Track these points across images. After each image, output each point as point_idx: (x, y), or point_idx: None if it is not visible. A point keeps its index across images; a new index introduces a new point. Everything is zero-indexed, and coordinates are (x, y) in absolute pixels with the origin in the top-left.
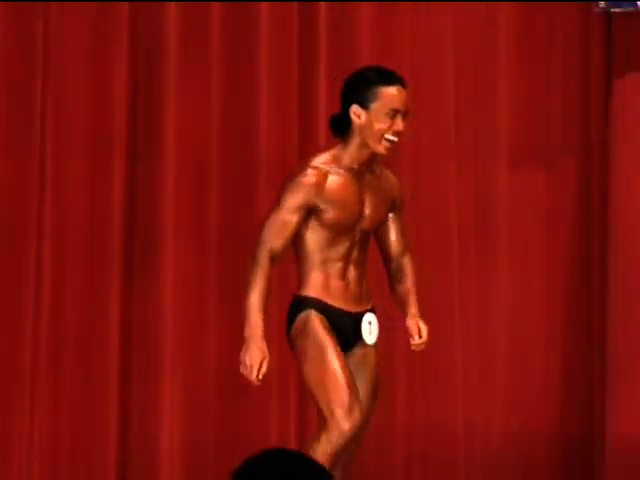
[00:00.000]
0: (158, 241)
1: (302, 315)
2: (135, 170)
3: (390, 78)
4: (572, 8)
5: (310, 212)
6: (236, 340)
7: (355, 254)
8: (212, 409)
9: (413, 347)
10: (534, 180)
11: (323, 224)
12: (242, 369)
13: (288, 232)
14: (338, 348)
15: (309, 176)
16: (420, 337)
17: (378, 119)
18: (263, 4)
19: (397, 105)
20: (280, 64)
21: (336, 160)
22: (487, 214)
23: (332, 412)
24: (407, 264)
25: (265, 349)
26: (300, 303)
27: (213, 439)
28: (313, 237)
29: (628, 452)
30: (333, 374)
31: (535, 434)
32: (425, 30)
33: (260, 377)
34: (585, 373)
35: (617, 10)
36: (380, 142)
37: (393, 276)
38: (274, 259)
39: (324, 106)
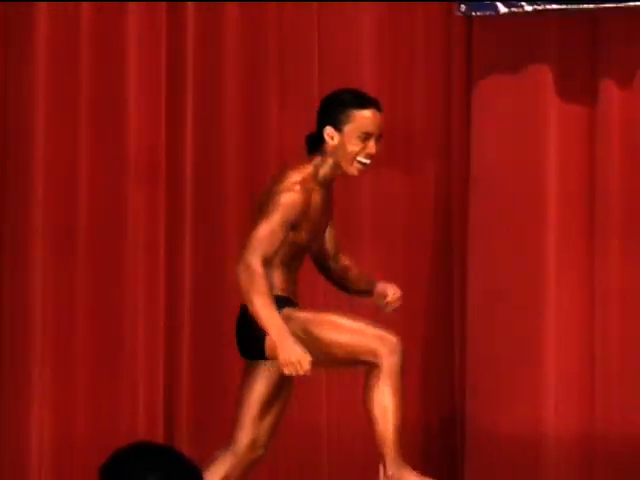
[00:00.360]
0: (28, 241)
1: (283, 312)
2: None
3: (364, 101)
4: (434, 11)
5: (291, 227)
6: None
7: (300, 263)
8: (82, 401)
9: (390, 304)
10: (395, 181)
11: (293, 240)
12: (288, 370)
13: (278, 243)
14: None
15: (299, 193)
16: (394, 293)
17: (351, 142)
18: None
19: (370, 129)
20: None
21: (313, 177)
22: (350, 214)
23: (374, 351)
24: (346, 259)
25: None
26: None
27: (83, 431)
28: (283, 249)
29: (486, 447)
30: (348, 326)
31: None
32: (291, 30)
33: (309, 368)
34: (446, 375)
35: (478, 14)
36: (352, 164)
37: (341, 276)
38: (265, 266)
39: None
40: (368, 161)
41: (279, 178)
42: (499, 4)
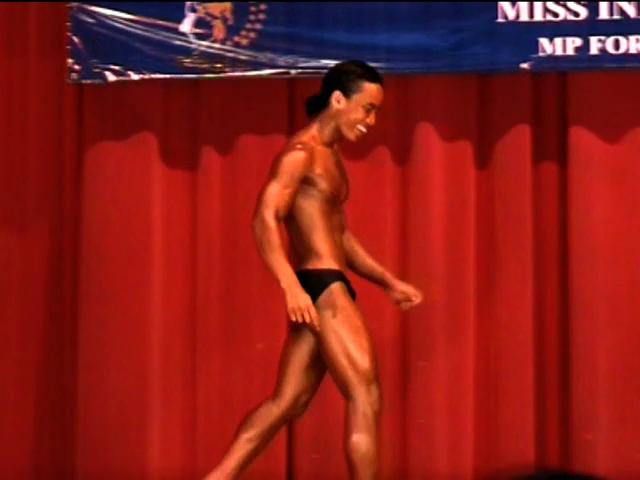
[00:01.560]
0: None
1: (329, 289)
2: None
3: (375, 76)
4: (48, 76)
5: (305, 184)
6: None
7: (340, 221)
8: None
9: (412, 304)
10: (10, 239)
11: (319, 197)
12: (295, 316)
13: (288, 198)
14: (364, 320)
15: (300, 151)
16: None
17: (357, 110)
18: None
19: (375, 101)
20: None
21: (315, 139)
22: None
23: (355, 385)
24: (352, 238)
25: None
26: (320, 278)
27: None
28: (314, 211)
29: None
30: (364, 347)
31: None
32: None
33: (316, 316)
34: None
35: (88, 82)
36: (352, 130)
37: (348, 253)
38: (278, 221)
39: None
40: (365, 130)
41: (285, 147)
42: (108, 73)
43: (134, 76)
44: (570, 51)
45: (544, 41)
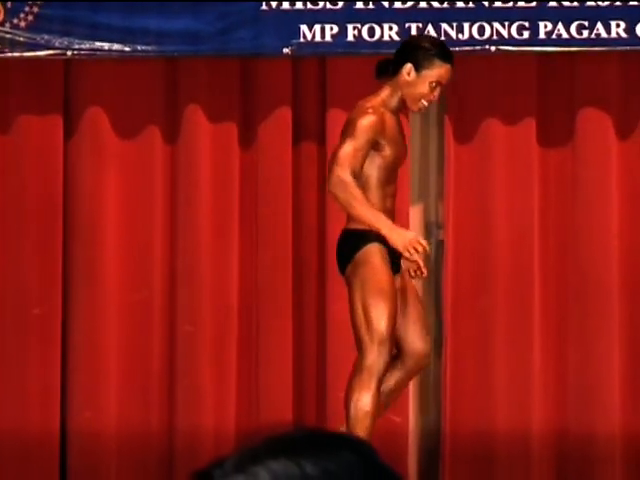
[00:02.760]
0: None
1: (367, 247)
2: None
3: (447, 56)
4: None
5: (374, 148)
6: None
7: (394, 189)
8: None
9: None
10: None
11: (382, 162)
12: (409, 253)
13: (362, 159)
14: (395, 286)
15: (372, 115)
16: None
17: (423, 84)
18: None
19: (442, 80)
20: None
21: (384, 104)
22: None
23: (367, 343)
24: None
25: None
26: (362, 236)
27: None
28: (374, 175)
29: None
30: (383, 309)
31: None
32: None
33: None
34: None
35: None
36: (416, 103)
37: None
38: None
39: None
40: (427, 105)
41: (354, 110)
42: None
43: None
44: (328, 37)
45: (304, 28)
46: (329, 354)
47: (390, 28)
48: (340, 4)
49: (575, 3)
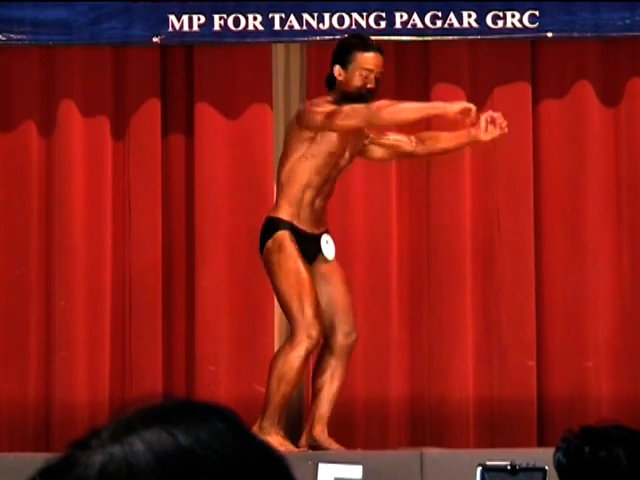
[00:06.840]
0: None
1: (278, 234)
2: None
3: (366, 45)
4: None
5: (319, 139)
6: None
7: (328, 187)
8: None
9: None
10: None
11: (314, 153)
12: (470, 108)
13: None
14: (307, 267)
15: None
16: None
17: (354, 78)
18: None
19: (369, 67)
20: None
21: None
22: None
23: (299, 322)
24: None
25: None
26: (274, 224)
27: None
28: (302, 166)
29: None
30: (307, 289)
31: None
32: None
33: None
34: None
35: None
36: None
37: (424, 143)
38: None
39: None
40: (370, 94)
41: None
42: None
43: None
44: (196, 27)
45: (173, 18)
46: (197, 329)
47: (255, 18)
48: None
49: None
